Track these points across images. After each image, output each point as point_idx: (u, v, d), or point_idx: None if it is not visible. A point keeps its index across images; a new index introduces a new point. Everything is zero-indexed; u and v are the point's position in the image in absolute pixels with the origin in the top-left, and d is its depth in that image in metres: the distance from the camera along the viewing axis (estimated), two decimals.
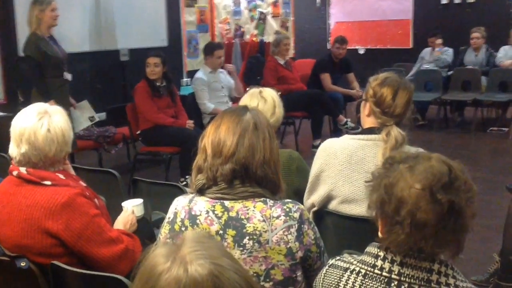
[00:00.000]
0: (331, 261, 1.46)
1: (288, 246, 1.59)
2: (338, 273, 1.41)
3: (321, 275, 1.45)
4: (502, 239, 3.08)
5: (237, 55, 8.78)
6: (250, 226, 1.59)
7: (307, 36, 10.83)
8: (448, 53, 8.28)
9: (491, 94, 7.58)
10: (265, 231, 1.59)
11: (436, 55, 8.18)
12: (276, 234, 1.59)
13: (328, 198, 2.39)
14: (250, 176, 1.64)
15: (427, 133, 7.53)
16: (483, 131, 7.54)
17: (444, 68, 8.16)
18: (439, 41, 8.31)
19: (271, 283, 1.60)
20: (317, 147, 2.54)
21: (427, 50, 8.48)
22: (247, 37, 9.41)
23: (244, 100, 2.63)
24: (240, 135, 1.65)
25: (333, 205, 2.38)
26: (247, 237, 1.59)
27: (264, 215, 1.60)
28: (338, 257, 1.46)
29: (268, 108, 2.59)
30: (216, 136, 1.67)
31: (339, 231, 2.35)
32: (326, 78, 7.13)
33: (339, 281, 1.39)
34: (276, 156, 1.71)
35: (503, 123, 7.64)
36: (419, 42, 9.38)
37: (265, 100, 2.62)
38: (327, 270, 1.44)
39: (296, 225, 1.61)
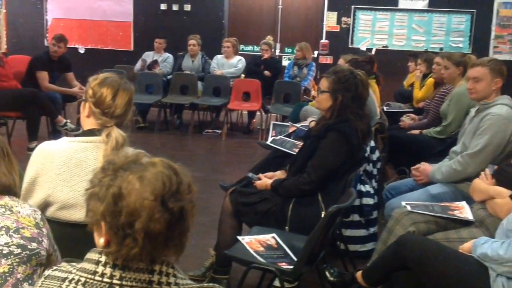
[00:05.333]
0: (47, 272, 1.35)
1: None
2: (55, 284, 1.30)
3: None
4: (217, 234, 3.30)
5: None
6: None
7: (22, 31, 10.06)
8: (169, 60, 8.59)
9: (206, 99, 8.11)
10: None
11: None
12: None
13: (45, 205, 2.23)
14: None
15: (148, 135, 7.68)
16: (199, 133, 8.01)
17: (167, 75, 8.43)
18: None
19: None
20: (33, 150, 2.36)
21: (149, 53, 8.66)
22: None
23: None
24: None
25: (51, 212, 2.23)
26: None
27: None
28: (55, 267, 1.36)
29: None
30: None
31: (58, 239, 2.21)
32: (43, 76, 6.71)
33: None
34: None
35: (217, 126, 8.25)
36: (140, 45, 9.54)
37: None
38: (43, 283, 1.32)
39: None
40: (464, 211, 2.97)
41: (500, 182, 2.71)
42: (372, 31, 9.45)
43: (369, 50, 9.11)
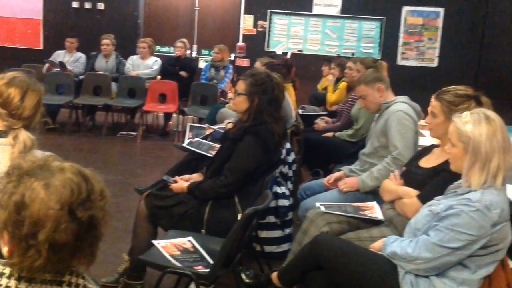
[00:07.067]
0: None
1: None
2: None
3: None
4: (131, 239, 3.22)
5: None
6: None
7: None
8: (81, 60, 8.31)
9: (120, 100, 7.92)
10: None
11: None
12: None
13: None
14: None
15: (58, 137, 7.40)
16: (113, 135, 7.81)
17: (79, 75, 8.16)
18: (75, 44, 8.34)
19: None
20: None
21: (59, 52, 8.35)
22: None
23: None
24: None
25: None
26: None
27: None
28: None
29: None
30: None
31: None
32: None
33: None
34: None
35: (132, 128, 8.08)
36: (50, 43, 9.18)
37: None
38: None
39: None
40: (374, 211, 3.08)
41: (408, 182, 2.83)
42: (287, 35, 9.61)
43: (285, 54, 9.26)
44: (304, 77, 7.89)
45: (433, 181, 2.69)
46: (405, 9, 9.39)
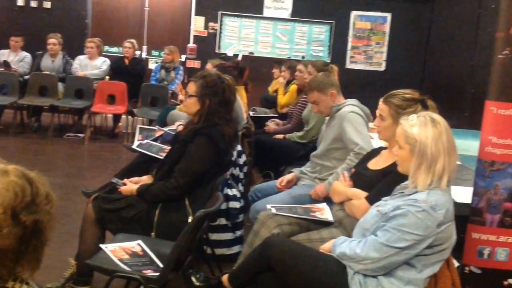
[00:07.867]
0: None
1: None
2: None
3: None
4: (78, 243, 3.14)
5: None
6: None
7: None
8: (26, 60, 8.08)
9: (67, 101, 7.74)
10: None
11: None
12: None
13: None
14: None
15: (2, 138, 7.18)
16: (60, 137, 7.62)
17: (24, 75, 7.93)
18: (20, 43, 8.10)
19: None
20: None
21: (4, 51, 8.09)
22: None
23: None
24: None
25: None
26: None
27: None
28: None
29: None
30: None
31: None
32: None
33: None
34: None
35: (79, 129, 7.91)
36: None
37: None
38: None
39: None
40: (324, 212, 3.11)
41: (357, 184, 2.88)
42: (238, 37, 9.63)
43: (236, 56, 9.27)
44: (255, 79, 7.90)
45: (381, 183, 2.73)
46: (354, 13, 9.56)
